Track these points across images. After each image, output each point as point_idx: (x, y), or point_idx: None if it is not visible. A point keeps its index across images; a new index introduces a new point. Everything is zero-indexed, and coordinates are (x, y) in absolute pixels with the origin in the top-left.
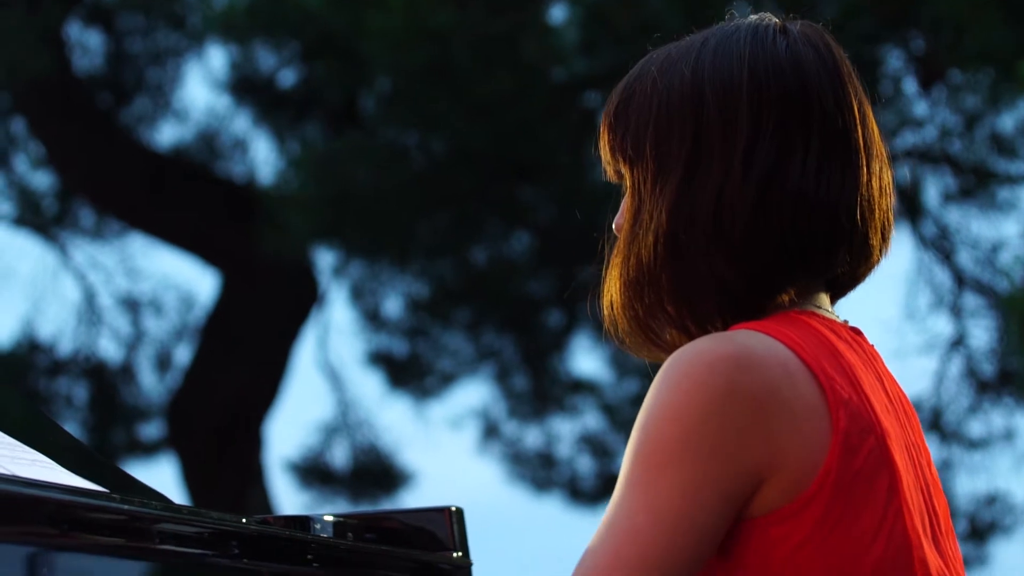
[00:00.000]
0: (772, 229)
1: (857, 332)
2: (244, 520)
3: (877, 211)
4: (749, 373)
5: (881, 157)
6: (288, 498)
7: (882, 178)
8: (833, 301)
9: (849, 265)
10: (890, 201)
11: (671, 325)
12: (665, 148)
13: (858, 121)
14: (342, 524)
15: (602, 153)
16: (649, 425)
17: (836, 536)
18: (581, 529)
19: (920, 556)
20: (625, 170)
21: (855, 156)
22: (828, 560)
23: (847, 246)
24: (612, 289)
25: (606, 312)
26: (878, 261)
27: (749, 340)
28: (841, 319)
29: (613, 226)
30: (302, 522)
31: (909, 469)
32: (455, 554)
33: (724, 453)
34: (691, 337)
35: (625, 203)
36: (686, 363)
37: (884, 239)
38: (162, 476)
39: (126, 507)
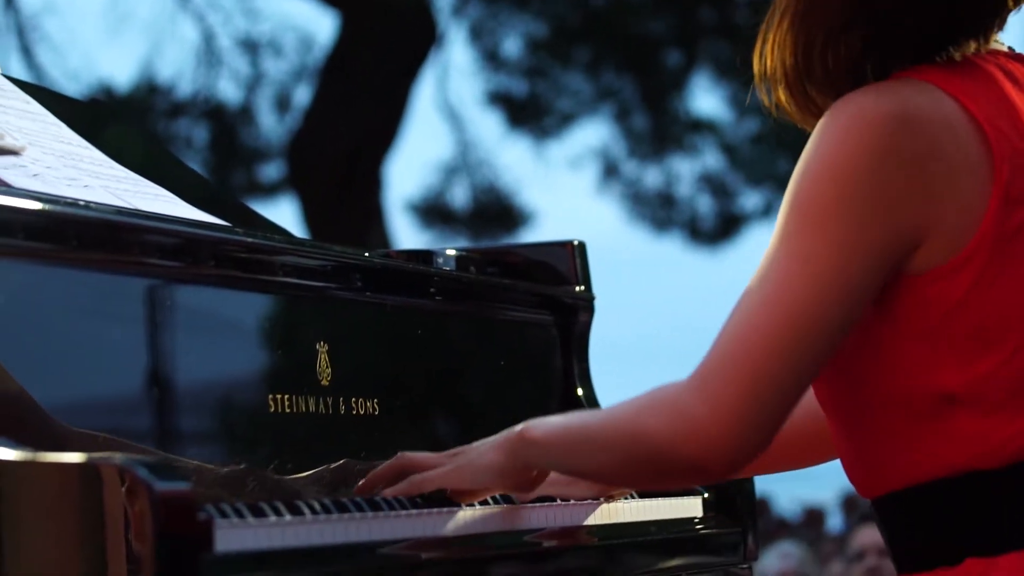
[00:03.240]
0: None
1: (1021, 59)
2: (367, 253)
3: None
4: (911, 132)
5: None
6: (408, 237)
7: None
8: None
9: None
10: None
11: (831, 94)
12: None
13: None
14: (464, 258)
15: None
16: (807, 179)
17: (996, 290)
18: (701, 268)
19: None
20: None
21: None
22: (989, 314)
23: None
24: (782, 42)
25: (756, 67)
26: None
27: (913, 95)
28: (1005, 47)
29: None
30: (424, 256)
31: None
32: (577, 288)
33: (881, 213)
34: None
35: None
36: (848, 118)
37: None
38: (283, 216)
39: (249, 239)
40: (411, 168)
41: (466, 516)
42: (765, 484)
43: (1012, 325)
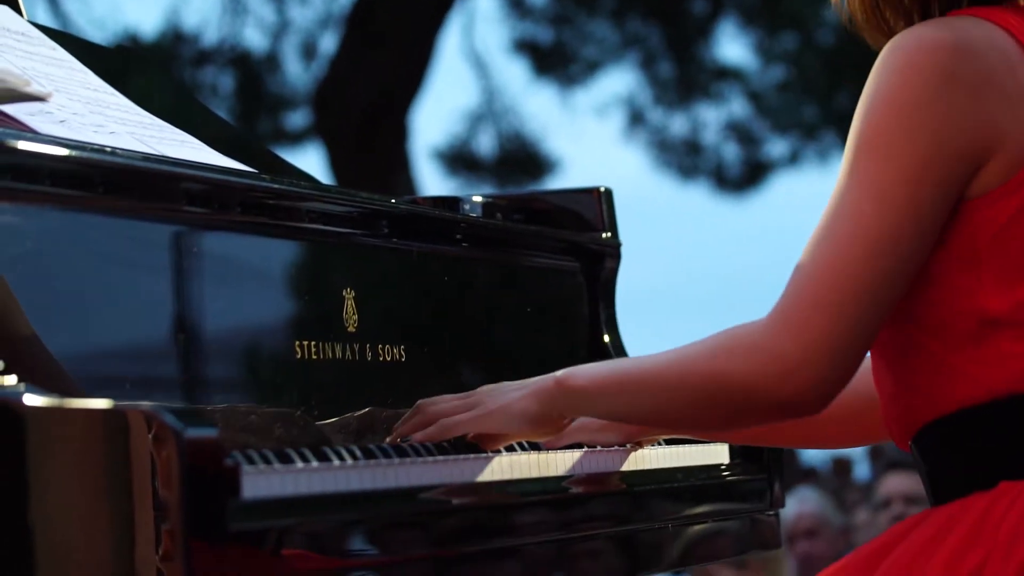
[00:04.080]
0: None
1: None
2: (393, 200)
3: None
4: (967, 59)
5: None
6: (434, 184)
7: None
8: None
9: None
10: None
11: (903, 17)
12: None
13: None
14: (491, 205)
15: None
16: (869, 113)
17: None
18: (727, 216)
19: None
20: None
21: None
22: None
23: None
24: None
25: None
26: None
27: (968, 26)
28: None
29: None
30: (451, 203)
31: None
32: (604, 234)
33: (945, 138)
34: None
35: None
36: (905, 50)
37: None
38: (308, 164)
39: (276, 186)
40: (437, 116)
41: (494, 463)
42: None
43: None
